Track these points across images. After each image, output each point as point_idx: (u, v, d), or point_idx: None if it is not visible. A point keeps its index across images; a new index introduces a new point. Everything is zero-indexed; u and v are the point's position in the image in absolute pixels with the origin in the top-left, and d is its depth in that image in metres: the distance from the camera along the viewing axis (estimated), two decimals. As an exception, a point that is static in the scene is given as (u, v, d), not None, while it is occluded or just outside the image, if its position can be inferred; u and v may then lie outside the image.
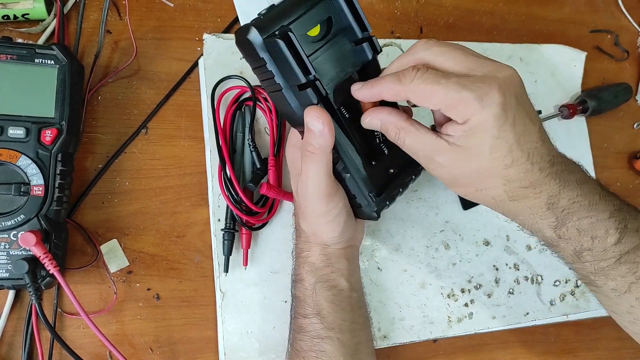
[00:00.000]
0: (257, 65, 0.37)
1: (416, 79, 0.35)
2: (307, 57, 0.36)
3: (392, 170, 0.43)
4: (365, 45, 0.39)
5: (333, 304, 0.43)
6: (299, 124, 0.39)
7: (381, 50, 0.41)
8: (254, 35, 0.35)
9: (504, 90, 0.34)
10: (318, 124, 0.37)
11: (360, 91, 0.39)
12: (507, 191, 0.37)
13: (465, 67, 0.35)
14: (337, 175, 0.41)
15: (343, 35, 0.39)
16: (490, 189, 0.37)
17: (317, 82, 0.37)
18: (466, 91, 0.33)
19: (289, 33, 0.35)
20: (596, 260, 0.38)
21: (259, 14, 0.37)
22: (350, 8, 0.38)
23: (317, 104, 0.37)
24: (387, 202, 0.42)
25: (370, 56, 0.40)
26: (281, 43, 0.35)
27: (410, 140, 0.38)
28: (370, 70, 0.41)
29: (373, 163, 0.42)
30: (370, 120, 0.39)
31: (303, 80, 0.36)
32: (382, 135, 0.42)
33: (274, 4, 0.37)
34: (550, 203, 0.37)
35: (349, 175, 0.41)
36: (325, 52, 0.39)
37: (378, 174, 0.42)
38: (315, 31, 0.38)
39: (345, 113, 0.42)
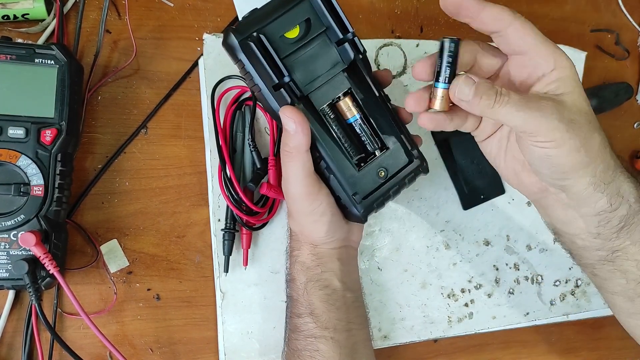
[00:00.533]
0: (239, 67, 0.39)
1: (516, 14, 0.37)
2: (283, 57, 0.38)
3: (382, 174, 0.42)
4: (346, 45, 0.40)
5: (326, 304, 0.43)
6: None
7: (365, 51, 0.41)
8: (231, 39, 0.37)
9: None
10: (290, 122, 0.37)
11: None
12: (605, 139, 0.37)
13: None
14: (322, 175, 0.42)
15: (325, 36, 0.40)
16: (597, 137, 0.36)
17: (291, 83, 0.38)
18: (552, 45, 0.36)
19: (261, 35, 0.37)
20: None
21: (242, 17, 0.38)
22: (329, 9, 0.39)
23: (293, 104, 0.38)
24: (375, 206, 0.42)
25: (352, 56, 0.40)
26: (252, 45, 0.36)
27: (512, 106, 0.34)
28: (358, 70, 0.41)
29: (362, 164, 0.42)
30: (464, 84, 0.35)
31: (276, 80, 0.38)
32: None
33: (256, 8, 0.38)
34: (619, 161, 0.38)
35: (332, 175, 0.41)
36: (306, 53, 0.39)
37: (367, 176, 0.42)
38: (294, 33, 0.39)
39: (331, 113, 0.41)
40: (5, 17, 0.47)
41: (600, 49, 0.67)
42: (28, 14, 0.47)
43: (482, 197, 0.56)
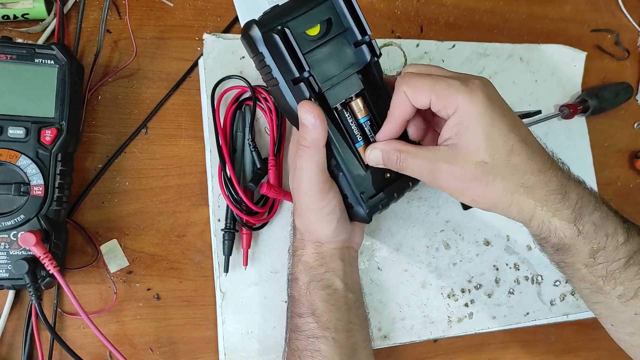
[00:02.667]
0: (258, 59, 0.39)
1: (407, 74, 0.38)
2: (303, 53, 0.38)
3: (388, 175, 0.43)
4: (364, 47, 0.40)
5: (328, 304, 0.43)
6: (296, 120, 0.40)
7: (380, 54, 0.42)
8: (254, 30, 0.38)
9: (485, 85, 0.37)
10: (310, 117, 0.38)
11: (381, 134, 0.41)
12: (515, 182, 0.36)
13: (444, 72, 0.39)
14: (332, 173, 0.42)
15: (344, 36, 0.40)
16: (498, 184, 0.37)
17: (311, 78, 0.39)
18: (453, 80, 0.36)
19: (285, 29, 0.37)
20: (609, 261, 0.38)
21: (264, 13, 0.39)
22: (350, 11, 0.40)
23: (310, 99, 0.38)
24: (380, 206, 0.43)
25: (368, 58, 0.41)
26: (277, 37, 0.37)
27: (412, 160, 0.39)
28: (371, 73, 0.42)
29: (370, 165, 0.42)
30: (371, 152, 0.41)
31: (297, 74, 0.38)
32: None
33: (277, 4, 0.39)
34: (563, 192, 0.37)
35: (341, 174, 0.42)
36: (324, 51, 0.40)
37: (374, 176, 0.43)
38: (315, 31, 0.39)
39: (343, 112, 0.42)
40: (6, 17, 0.47)
41: (600, 49, 0.67)
42: (28, 14, 0.47)
43: None
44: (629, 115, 0.67)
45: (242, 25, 0.49)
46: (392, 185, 0.43)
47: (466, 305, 0.55)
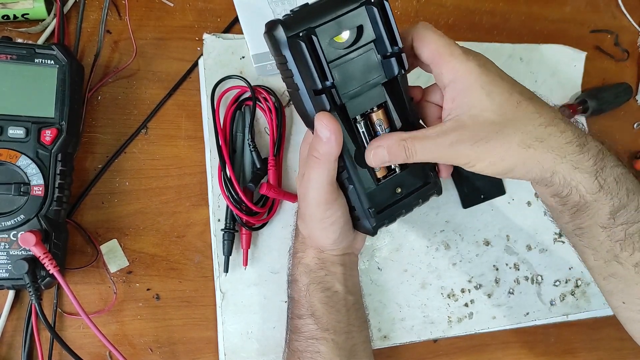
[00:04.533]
0: (279, 61, 0.37)
1: (422, 24, 0.38)
2: (328, 62, 0.35)
3: (399, 190, 0.42)
4: (392, 60, 0.38)
5: (327, 306, 0.43)
6: (311, 126, 0.38)
7: (407, 67, 0.39)
8: (279, 32, 0.35)
9: (482, 56, 0.38)
10: (326, 131, 0.36)
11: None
12: (530, 135, 0.35)
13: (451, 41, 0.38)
14: (341, 184, 0.41)
15: (373, 45, 0.38)
16: (513, 141, 0.35)
17: (333, 90, 0.36)
18: (455, 47, 0.36)
19: (313, 36, 0.34)
20: (629, 222, 0.36)
21: (291, 11, 0.36)
22: (384, 20, 0.37)
23: (329, 111, 0.36)
24: (387, 221, 0.41)
25: (396, 71, 0.38)
26: (303, 45, 0.34)
27: (420, 144, 0.37)
28: (396, 86, 0.40)
29: (381, 179, 0.41)
30: (375, 151, 0.38)
31: (319, 86, 0.35)
32: None
33: (307, 3, 0.36)
34: (581, 144, 0.36)
35: (352, 187, 0.40)
36: (351, 60, 0.37)
37: (384, 191, 0.41)
38: (343, 37, 0.37)
39: (362, 123, 0.40)
40: (6, 17, 0.47)
41: (600, 49, 0.67)
42: (28, 14, 0.47)
43: (482, 197, 0.56)
44: (629, 116, 0.66)
45: (242, 25, 0.49)
46: (401, 202, 0.42)
47: (466, 305, 0.55)
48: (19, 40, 0.47)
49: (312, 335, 0.42)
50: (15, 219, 0.41)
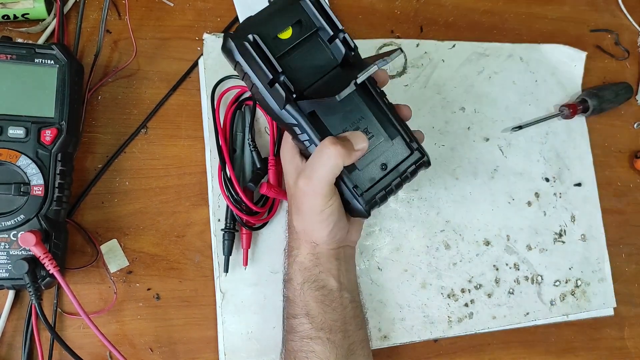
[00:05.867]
0: (238, 69, 0.41)
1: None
2: (275, 56, 0.39)
3: (384, 167, 0.43)
4: (337, 42, 0.41)
5: (322, 304, 0.43)
6: (282, 123, 0.41)
7: (356, 47, 0.42)
8: (229, 42, 0.40)
9: None
10: (365, 144, 0.40)
11: None
12: None
13: None
14: None
15: (318, 35, 0.41)
16: None
17: (284, 78, 0.39)
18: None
19: (254, 35, 0.38)
20: None
21: (238, 25, 0.41)
22: (319, 10, 0.41)
23: (288, 100, 0.39)
24: (378, 200, 0.42)
25: (343, 52, 0.41)
26: (247, 45, 0.38)
27: None
28: (350, 66, 0.42)
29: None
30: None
31: (270, 76, 0.39)
32: (368, 128, 0.42)
33: (251, 15, 0.41)
34: None
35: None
36: (300, 52, 0.41)
37: (368, 170, 0.42)
38: (287, 34, 0.40)
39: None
40: (6, 17, 0.47)
41: (600, 49, 0.67)
42: (28, 14, 0.47)
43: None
44: (629, 115, 0.66)
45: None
46: (387, 176, 0.43)
47: (466, 305, 0.55)
48: (19, 40, 0.47)
49: (306, 335, 0.42)
50: (15, 219, 0.41)
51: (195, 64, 0.52)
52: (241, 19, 0.51)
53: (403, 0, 0.60)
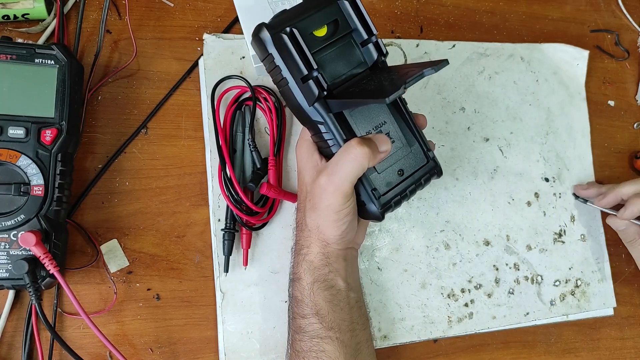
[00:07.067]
0: (268, 61, 0.40)
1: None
2: (311, 53, 0.39)
3: (401, 173, 0.43)
4: (370, 46, 0.42)
5: (331, 304, 0.43)
6: (306, 120, 0.41)
7: (387, 53, 0.42)
8: (264, 32, 0.39)
9: None
10: (389, 145, 0.40)
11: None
12: None
13: None
14: None
15: (351, 37, 0.42)
16: None
17: (319, 76, 0.39)
18: None
19: (293, 29, 0.39)
20: None
21: (273, 16, 0.41)
22: (356, 12, 0.41)
23: (319, 97, 0.39)
24: (393, 204, 0.43)
25: (375, 57, 0.42)
26: (285, 38, 0.38)
27: None
28: (380, 70, 0.43)
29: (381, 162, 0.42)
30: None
31: (305, 72, 0.39)
32: (390, 133, 0.43)
33: (285, 9, 0.41)
34: None
35: None
36: (332, 51, 0.41)
37: (387, 176, 0.43)
38: (322, 32, 0.41)
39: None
40: (6, 17, 0.47)
41: (600, 49, 0.67)
42: (28, 14, 0.47)
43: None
44: (629, 116, 0.67)
45: (242, 26, 0.49)
46: (404, 182, 0.43)
47: (466, 305, 0.55)
48: (19, 40, 0.47)
49: (316, 335, 0.42)
50: (16, 219, 0.41)
51: (195, 64, 0.52)
52: (241, 19, 0.51)
53: (403, 0, 0.60)
